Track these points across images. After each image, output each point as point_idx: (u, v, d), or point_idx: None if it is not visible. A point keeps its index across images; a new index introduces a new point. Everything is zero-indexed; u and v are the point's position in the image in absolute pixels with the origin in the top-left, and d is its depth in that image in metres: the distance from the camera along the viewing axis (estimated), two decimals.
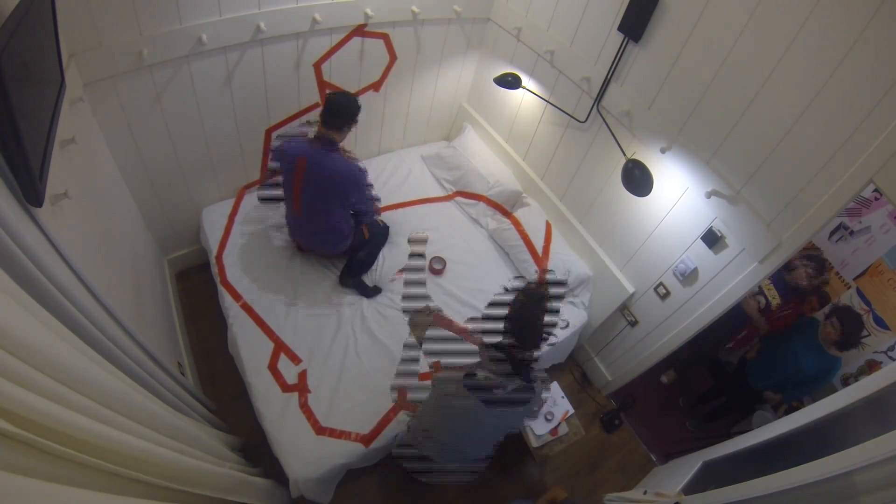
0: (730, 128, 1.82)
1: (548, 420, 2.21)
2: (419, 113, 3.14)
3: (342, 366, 2.19)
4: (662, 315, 2.39)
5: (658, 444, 2.84)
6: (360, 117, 2.13)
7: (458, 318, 2.47)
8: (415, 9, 2.45)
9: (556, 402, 2.27)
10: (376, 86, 2.77)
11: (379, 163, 3.13)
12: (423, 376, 2.14)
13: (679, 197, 2.12)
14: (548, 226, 2.79)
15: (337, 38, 2.38)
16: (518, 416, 1.62)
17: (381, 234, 2.67)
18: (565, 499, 1.85)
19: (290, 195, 2.24)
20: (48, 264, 1.01)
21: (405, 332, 2.38)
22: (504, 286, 1.61)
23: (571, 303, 2.72)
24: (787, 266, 2.60)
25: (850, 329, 2.41)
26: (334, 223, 2.27)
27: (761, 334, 2.85)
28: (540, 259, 2.65)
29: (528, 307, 1.46)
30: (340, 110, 2.05)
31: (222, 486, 1.47)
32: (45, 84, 1.27)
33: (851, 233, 2.57)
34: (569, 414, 2.26)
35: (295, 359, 2.16)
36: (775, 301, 2.86)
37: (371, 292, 2.50)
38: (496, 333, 1.52)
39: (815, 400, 1.92)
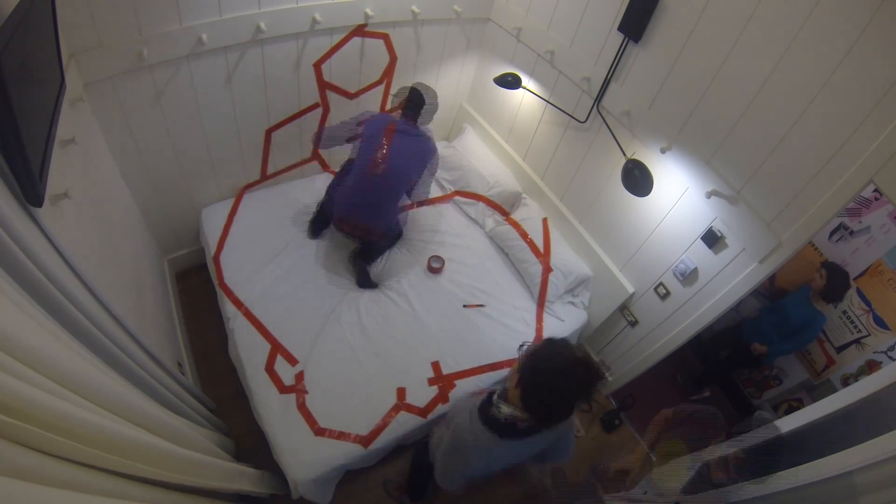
0: (730, 128, 1.82)
1: None
2: None
3: (340, 367, 2.19)
4: (662, 315, 2.39)
5: (658, 443, 2.83)
6: (437, 115, 2.44)
7: (458, 318, 2.48)
8: (415, 9, 2.45)
9: None
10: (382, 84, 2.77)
11: None
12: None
13: (679, 197, 2.12)
14: (545, 223, 2.79)
15: (337, 38, 2.38)
16: (537, 442, 1.43)
17: (401, 232, 2.74)
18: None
19: (367, 158, 2.31)
20: (48, 264, 1.01)
21: (403, 332, 2.39)
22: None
23: (571, 303, 2.72)
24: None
25: (836, 280, 2.54)
26: (395, 196, 2.41)
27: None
28: (542, 256, 2.66)
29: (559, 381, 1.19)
30: (426, 106, 2.35)
31: (216, 476, 1.47)
32: (45, 84, 1.27)
33: (851, 233, 2.57)
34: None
35: (292, 360, 2.16)
36: None
37: (368, 283, 2.52)
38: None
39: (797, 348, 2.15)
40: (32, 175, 1.04)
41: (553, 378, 1.20)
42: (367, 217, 2.41)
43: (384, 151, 2.29)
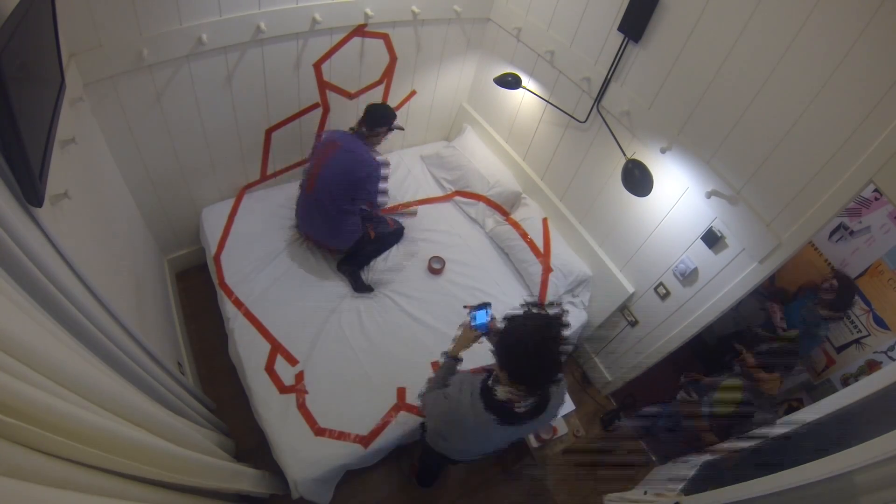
0: (730, 128, 1.82)
1: None
2: (419, 113, 3.14)
3: (340, 367, 2.19)
4: (662, 315, 2.39)
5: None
6: (393, 130, 2.39)
7: (458, 318, 2.48)
8: (415, 9, 2.45)
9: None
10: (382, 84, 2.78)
11: None
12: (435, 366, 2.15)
13: (679, 197, 2.12)
14: (545, 223, 2.79)
15: (337, 38, 2.38)
16: (530, 428, 1.53)
17: (391, 235, 2.71)
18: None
19: (305, 174, 2.36)
20: (48, 264, 1.01)
21: (403, 333, 2.39)
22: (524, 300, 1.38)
23: (571, 303, 2.72)
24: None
25: (845, 291, 2.50)
26: (341, 218, 2.36)
27: None
28: (542, 256, 2.66)
29: (538, 342, 1.24)
30: (375, 115, 2.30)
31: (216, 476, 1.47)
32: (45, 84, 1.27)
33: (851, 233, 2.57)
34: (570, 412, 2.26)
35: (292, 360, 2.16)
36: None
37: (362, 287, 2.52)
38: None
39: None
40: (32, 175, 1.04)
41: (527, 347, 1.24)
42: (321, 235, 2.48)
43: (315, 169, 2.31)
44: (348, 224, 2.40)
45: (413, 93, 2.98)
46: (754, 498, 1.62)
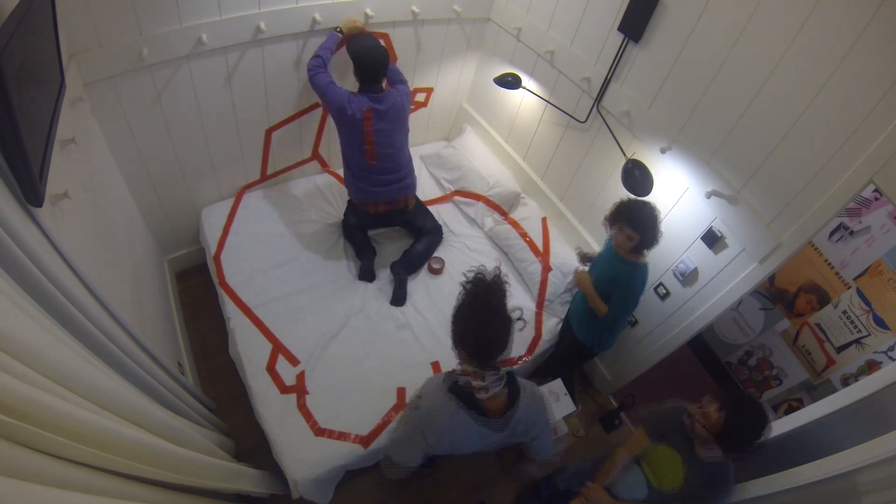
0: (730, 128, 1.82)
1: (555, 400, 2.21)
2: (419, 113, 3.14)
3: (341, 367, 2.19)
4: (662, 315, 2.39)
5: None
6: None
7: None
8: (415, 9, 2.45)
9: (560, 398, 2.27)
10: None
11: None
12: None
13: (679, 197, 2.12)
14: (544, 222, 2.79)
15: None
16: (509, 432, 1.46)
17: (437, 233, 2.76)
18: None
19: (360, 149, 2.29)
20: (48, 264, 1.01)
21: (403, 333, 2.39)
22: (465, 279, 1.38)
23: (571, 302, 2.71)
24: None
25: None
26: (405, 155, 2.43)
27: None
28: (541, 255, 2.66)
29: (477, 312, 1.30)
30: (380, 62, 2.21)
31: (216, 476, 1.47)
32: (45, 84, 1.27)
33: (851, 233, 2.57)
34: (570, 412, 2.26)
35: (293, 360, 2.16)
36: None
37: (403, 298, 2.51)
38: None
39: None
40: (32, 175, 1.04)
41: (476, 314, 1.31)
42: (400, 189, 2.46)
43: (368, 144, 2.27)
44: (411, 166, 2.50)
45: (431, 89, 3.03)
46: (755, 498, 1.62)
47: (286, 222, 2.67)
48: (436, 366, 2.27)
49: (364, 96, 2.22)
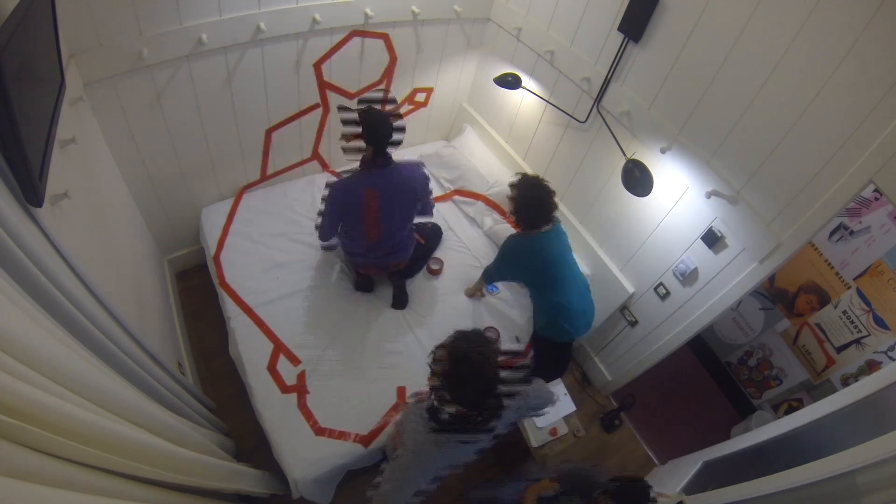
0: (730, 128, 1.82)
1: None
2: (419, 113, 3.14)
3: (341, 367, 2.19)
4: (662, 315, 2.39)
5: (658, 444, 2.84)
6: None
7: (458, 318, 2.48)
8: (415, 9, 2.45)
9: (560, 399, 2.27)
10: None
11: None
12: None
13: (679, 197, 2.12)
14: None
15: (337, 38, 2.38)
16: (501, 429, 1.46)
17: (435, 236, 2.71)
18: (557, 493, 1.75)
19: (361, 229, 2.18)
20: (48, 264, 1.01)
21: (403, 332, 2.39)
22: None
23: None
24: None
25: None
26: (408, 232, 2.33)
27: None
28: None
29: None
30: (387, 134, 2.04)
31: (216, 476, 1.47)
32: (45, 84, 1.27)
33: (851, 233, 2.57)
34: (570, 413, 2.26)
35: (294, 360, 2.16)
36: None
37: (404, 301, 2.49)
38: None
39: None
40: (32, 175, 1.04)
41: (475, 367, 1.28)
42: (395, 259, 2.36)
43: (370, 224, 2.15)
44: (412, 239, 2.41)
45: (431, 89, 3.02)
46: (755, 498, 1.62)
47: (286, 222, 2.67)
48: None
49: (366, 174, 2.08)
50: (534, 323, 2.41)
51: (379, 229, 2.20)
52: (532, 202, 2.06)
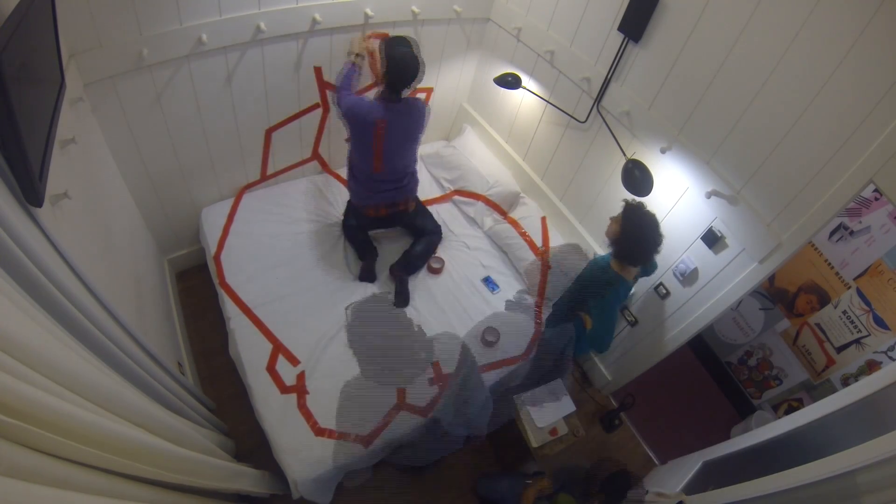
0: (730, 128, 1.82)
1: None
2: None
3: (341, 367, 2.19)
4: (662, 315, 2.39)
5: (658, 444, 2.84)
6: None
7: (457, 319, 2.48)
8: (415, 9, 2.45)
9: (560, 399, 2.28)
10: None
11: None
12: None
13: (679, 197, 2.12)
14: (543, 222, 2.79)
15: (337, 38, 2.37)
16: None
17: (436, 234, 2.73)
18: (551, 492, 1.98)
19: (368, 156, 2.27)
20: (48, 264, 1.01)
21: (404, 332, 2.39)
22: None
23: None
24: None
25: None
26: (411, 164, 2.43)
27: None
28: (541, 254, 2.66)
29: None
30: (411, 74, 2.11)
31: (216, 476, 1.47)
32: (45, 84, 1.27)
33: (851, 233, 2.57)
34: (570, 413, 2.26)
35: (293, 360, 2.16)
36: None
37: (405, 299, 2.49)
38: None
39: None
40: (32, 175, 1.04)
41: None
42: (399, 195, 2.47)
43: (376, 153, 2.25)
44: (414, 174, 2.50)
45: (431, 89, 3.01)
46: (755, 498, 1.62)
47: (286, 222, 2.67)
48: (436, 365, 2.27)
49: (381, 105, 2.17)
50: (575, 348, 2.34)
51: (384, 160, 2.27)
52: (641, 237, 1.97)
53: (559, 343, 2.29)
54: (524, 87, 2.57)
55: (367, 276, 2.53)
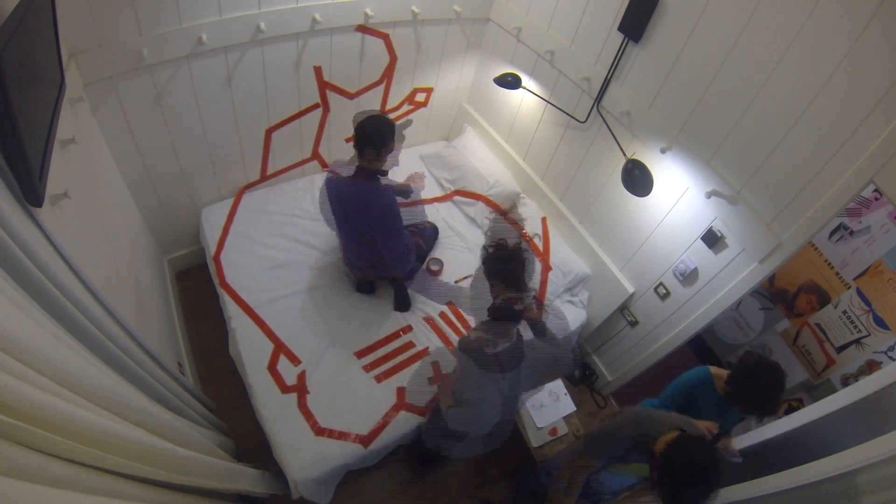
0: (730, 128, 1.82)
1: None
2: (419, 113, 3.14)
3: (342, 367, 2.19)
4: (662, 315, 2.39)
5: None
6: (398, 137, 2.03)
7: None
8: (415, 9, 2.45)
9: (560, 399, 2.28)
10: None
11: None
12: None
13: (679, 197, 2.12)
14: (543, 222, 2.79)
15: (337, 38, 2.38)
16: (518, 377, 1.68)
17: (432, 236, 2.70)
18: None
19: (337, 220, 2.19)
20: (48, 264, 1.01)
21: (403, 332, 2.38)
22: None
23: (570, 302, 2.72)
24: None
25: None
26: (383, 245, 2.18)
27: None
28: (541, 255, 2.66)
29: (507, 260, 1.61)
30: (372, 136, 1.93)
31: (216, 476, 1.47)
32: (45, 84, 1.27)
33: (851, 233, 2.57)
34: (570, 413, 2.26)
35: (294, 360, 2.16)
36: None
37: (406, 303, 2.47)
38: (485, 298, 1.64)
39: None
40: (32, 175, 1.04)
41: (512, 250, 1.66)
42: (379, 272, 2.36)
43: (340, 236, 2.25)
44: (396, 250, 2.24)
45: (431, 89, 3.02)
46: (755, 498, 1.62)
47: (286, 222, 2.67)
48: (435, 365, 2.27)
49: (343, 182, 2.02)
50: None
51: (344, 235, 2.24)
52: (756, 388, 1.66)
53: None
54: (524, 87, 2.57)
55: (365, 288, 2.50)
